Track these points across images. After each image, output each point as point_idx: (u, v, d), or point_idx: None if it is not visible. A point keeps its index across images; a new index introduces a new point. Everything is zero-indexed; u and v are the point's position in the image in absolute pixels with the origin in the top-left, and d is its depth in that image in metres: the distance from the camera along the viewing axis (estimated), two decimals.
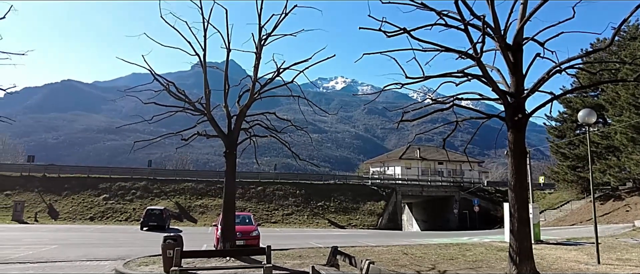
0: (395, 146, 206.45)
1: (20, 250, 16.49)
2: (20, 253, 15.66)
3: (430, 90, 12.94)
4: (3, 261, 13.85)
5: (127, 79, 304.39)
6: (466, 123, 12.38)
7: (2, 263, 13.42)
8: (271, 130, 16.96)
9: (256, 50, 15.88)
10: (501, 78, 11.42)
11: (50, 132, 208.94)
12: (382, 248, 18.20)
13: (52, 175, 41.85)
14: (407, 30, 10.17)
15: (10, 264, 13.38)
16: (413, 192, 49.34)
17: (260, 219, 37.36)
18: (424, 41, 10.45)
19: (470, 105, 14.33)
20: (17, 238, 21.30)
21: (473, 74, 10.92)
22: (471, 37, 10.32)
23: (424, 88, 14.96)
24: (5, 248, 17.12)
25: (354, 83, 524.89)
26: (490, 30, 10.64)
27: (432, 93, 12.63)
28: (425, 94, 13.74)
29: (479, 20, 10.06)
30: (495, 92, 10.85)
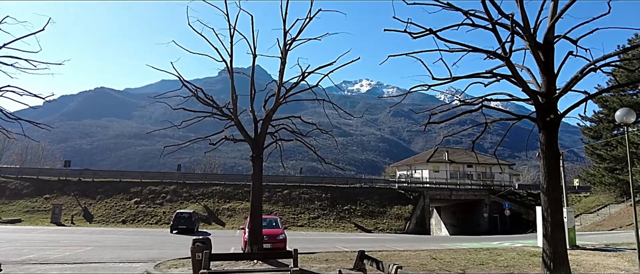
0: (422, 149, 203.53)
1: (58, 251, 17.18)
2: (59, 254, 16.30)
3: (458, 91, 12.71)
4: (44, 261, 14.47)
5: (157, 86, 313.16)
6: (496, 124, 12.06)
7: (42, 263, 14.02)
8: (296, 133, 17.05)
9: (281, 55, 16.03)
10: (532, 78, 11.09)
11: (85, 138, 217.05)
12: (410, 253, 17.95)
13: (86, 179, 43.43)
14: (433, 31, 10.03)
15: (49, 264, 13.97)
16: (441, 196, 48.48)
17: (287, 222, 37.56)
18: (451, 41, 10.28)
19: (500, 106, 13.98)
20: (56, 240, 22.19)
21: (502, 74, 10.64)
22: (499, 36, 10.08)
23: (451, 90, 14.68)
24: (45, 249, 17.88)
25: (379, 85, 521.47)
26: (520, 29, 10.36)
27: (460, 95, 12.40)
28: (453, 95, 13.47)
29: (508, 19, 9.81)
30: (526, 92, 10.54)
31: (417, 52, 10.52)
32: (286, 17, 15.77)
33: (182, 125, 16.53)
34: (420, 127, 14.67)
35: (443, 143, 76.36)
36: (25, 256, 15.51)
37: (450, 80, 10.57)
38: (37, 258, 15.07)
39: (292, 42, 15.97)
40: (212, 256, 10.52)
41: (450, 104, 11.93)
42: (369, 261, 10.68)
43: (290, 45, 16.03)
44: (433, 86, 10.96)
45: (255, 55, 16.28)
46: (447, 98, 17.61)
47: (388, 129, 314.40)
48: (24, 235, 24.47)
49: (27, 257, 15.25)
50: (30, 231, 27.46)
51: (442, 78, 10.55)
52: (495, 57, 10.36)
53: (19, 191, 40.01)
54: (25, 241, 21.22)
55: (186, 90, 15.92)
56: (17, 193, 39.83)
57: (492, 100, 11.40)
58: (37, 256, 15.52)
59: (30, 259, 14.72)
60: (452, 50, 10.46)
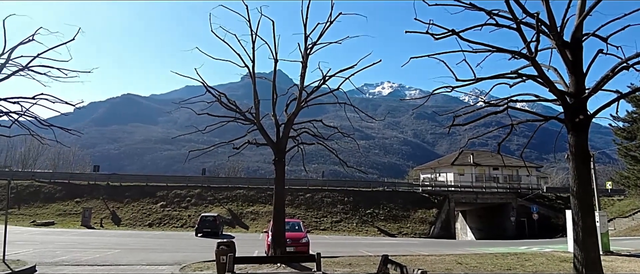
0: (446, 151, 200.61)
1: (88, 253, 17.71)
2: (89, 256, 16.81)
3: (483, 93, 12.50)
4: (75, 263, 14.95)
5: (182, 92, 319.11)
6: (522, 126, 11.77)
7: (74, 265, 14.48)
8: (318, 137, 17.09)
9: (302, 59, 16.12)
10: (559, 78, 10.79)
11: (113, 143, 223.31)
12: (434, 257, 17.69)
13: (114, 183, 44.63)
14: (456, 32, 9.89)
15: (81, 266, 14.42)
16: (467, 199, 47.58)
17: (309, 226, 37.59)
18: (474, 42, 10.11)
19: (526, 107, 13.67)
20: (86, 242, 22.88)
21: (528, 75, 10.39)
22: (524, 36, 9.86)
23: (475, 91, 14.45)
24: (76, 251, 18.47)
25: (402, 87, 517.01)
26: (545, 28, 10.10)
27: (485, 96, 12.19)
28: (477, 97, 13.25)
29: (533, 18, 9.59)
30: (553, 93, 10.25)
31: (440, 53, 10.40)
32: (307, 22, 15.87)
33: (207, 130, 16.83)
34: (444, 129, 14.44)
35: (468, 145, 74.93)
36: (58, 257, 16.05)
37: (474, 81, 10.38)
38: (69, 260, 15.58)
39: (313, 46, 16.04)
40: (236, 259, 10.64)
41: (474, 105, 11.73)
42: (393, 266, 10.58)
43: (311, 49, 16.11)
44: (457, 87, 10.79)
45: (277, 60, 16.43)
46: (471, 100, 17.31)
47: (411, 132, 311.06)
48: (57, 237, 25.33)
49: (60, 258, 15.78)
50: (62, 234, 28.41)
51: (465, 80, 10.39)
52: (520, 57, 10.13)
53: (52, 195, 41.48)
54: (58, 243, 21.96)
55: (210, 96, 16.20)
56: (50, 196, 41.29)
57: (517, 101, 11.15)
58: (69, 258, 16.04)
59: (62, 261, 15.24)
60: (475, 51, 10.29)
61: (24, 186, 41.94)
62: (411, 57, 11.00)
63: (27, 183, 42.65)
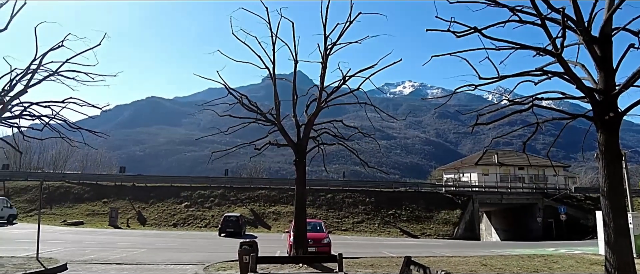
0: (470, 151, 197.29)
1: (116, 252, 18.19)
2: (116, 255, 17.27)
3: (507, 91, 12.22)
4: (103, 261, 15.38)
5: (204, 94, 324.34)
6: (548, 124, 11.45)
7: (102, 263, 14.91)
8: (338, 137, 17.06)
9: (322, 59, 16.12)
10: (587, 74, 10.45)
11: (138, 145, 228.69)
12: (458, 259, 17.40)
13: (140, 184, 45.70)
14: (478, 29, 9.71)
15: (108, 264, 14.83)
16: (491, 200, 46.65)
17: (331, 226, 37.57)
18: (497, 39, 9.89)
19: (552, 105, 13.28)
20: (113, 242, 23.51)
21: (554, 72, 10.10)
22: (549, 32, 9.59)
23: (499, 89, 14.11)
24: (104, 250, 19.01)
25: (423, 86, 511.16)
26: (572, 23, 9.80)
27: (509, 94, 11.92)
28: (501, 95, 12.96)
29: (558, 14, 9.31)
30: (581, 90, 9.93)
31: (462, 51, 10.23)
32: (326, 22, 15.85)
33: (229, 131, 17.04)
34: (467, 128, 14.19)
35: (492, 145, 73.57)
36: (87, 256, 16.55)
37: (498, 79, 10.16)
38: (97, 258, 16.04)
39: (332, 46, 16.02)
40: (259, 259, 10.72)
41: (498, 104, 11.48)
42: (416, 267, 10.44)
43: (331, 50, 16.09)
44: (480, 86, 10.59)
45: (297, 61, 16.49)
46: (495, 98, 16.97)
47: (433, 131, 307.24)
48: (86, 237, 26.11)
49: (89, 257, 16.27)
50: (90, 233, 29.27)
51: (489, 78, 10.18)
52: (545, 54, 9.86)
53: (80, 196, 42.80)
54: (86, 242, 22.64)
55: (232, 98, 16.39)
56: (79, 197, 42.61)
57: (543, 99, 10.86)
58: (98, 257, 16.51)
59: (91, 259, 15.70)
60: (498, 49, 10.06)
61: (55, 187, 43.42)
62: (432, 56, 10.86)
63: (57, 184, 44.15)
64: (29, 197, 41.55)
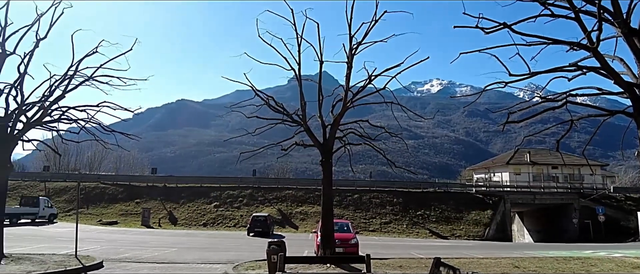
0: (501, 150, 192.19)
1: (148, 251, 18.73)
2: (149, 254, 17.78)
3: (539, 87, 11.88)
4: (137, 260, 15.88)
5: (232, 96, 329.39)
6: (584, 122, 11.00)
7: (136, 262, 15.39)
8: (365, 137, 16.98)
9: (347, 59, 16.09)
10: (626, 68, 9.97)
11: (169, 147, 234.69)
12: (490, 260, 16.98)
13: (171, 185, 46.87)
14: (508, 25, 9.44)
15: (142, 263, 15.30)
16: (524, 200, 45.27)
17: (358, 227, 37.41)
18: (528, 34, 9.60)
19: (588, 101, 12.78)
20: (146, 241, 24.23)
21: (589, 67, 9.70)
22: (584, 25, 9.22)
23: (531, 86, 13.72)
24: (137, 249, 19.61)
25: (451, 84, 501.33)
26: (609, 15, 9.38)
27: (541, 91, 11.55)
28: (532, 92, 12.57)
29: (593, 6, 8.94)
30: (619, 85, 9.49)
31: (491, 47, 9.97)
32: (351, 22, 15.81)
33: (256, 132, 17.29)
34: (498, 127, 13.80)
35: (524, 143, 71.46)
36: (122, 254, 17.13)
37: (529, 76, 9.85)
38: (131, 257, 16.57)
39: (358, 46, 15.96)
40: (287, 259, 10.78)
41: (530, 101, 11.14)
42: (446, 269, 10.25)
43: (356, 49, 16.04)
44: (510, 83, 10.31)
45: (322, 62, 16.52)
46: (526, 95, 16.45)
47: (463, 130, 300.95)
48: (120, 236, 27.02)
49: (123, 255, 16.83)
50: (124, 233, 30.27)
51: (519, 74, 9.89)
52: (580, 48, 9.48)
53: (115, 196, 44.31)
54: (121, 241, 23.43)
55: (259, 99, 16.61)
56: (114, 197, 44.13)
57: (578, 95, 10.43)
58: (131, 255, 17.05)
59: (126, 258, 16.23)
60: (529, 44, 9.76)
61: (91, 187, 45.12)
62: (461, 53, 10.65)
63: (93, 185, 45.85)
64: (67, 197, 43.36)
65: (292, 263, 12.67)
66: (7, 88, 14.95)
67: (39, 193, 41.73)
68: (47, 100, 15.59)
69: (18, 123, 15.13)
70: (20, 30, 15.45)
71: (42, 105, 15.51)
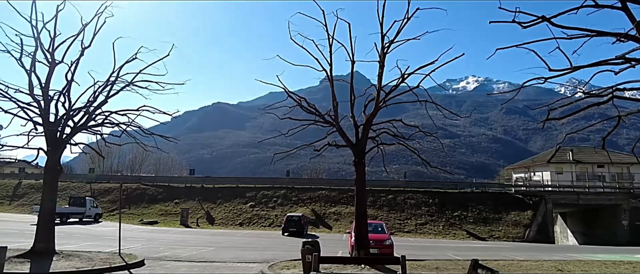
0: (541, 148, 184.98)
1: (187, 250, 19.29)
2: (187, 253, 18.31)
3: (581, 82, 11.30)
4: (176, 258, 16.39)
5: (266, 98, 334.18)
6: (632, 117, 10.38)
7: (175, 261, 15.89)
8: (398, 137, 16.76)
9: (379, 58, 15.95)
10: None
11: (206, 148, 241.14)
12: (531, 263, 16.37)
13: (208, 185, 48.10)
14: (547, 18, 9.05)
15: (181, 261, 15.77)
16: (567, 200, 43.31)
17: (393, 228, 37.00)
18: (568, 27, 9.15)
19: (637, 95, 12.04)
20: (184, 240, 24.96)
21: (638, 59, 9.16)
22: (632, 15, 8.70)
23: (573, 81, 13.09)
24: (176, 248, 20.24)
25: (488, 81, 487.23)
26: None
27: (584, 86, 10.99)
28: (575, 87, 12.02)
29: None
30: None
31: (529, 42, 9.57)
32: (383, 21, 15.66)
33: (289, 133, 17.45)
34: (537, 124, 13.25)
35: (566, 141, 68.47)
36: (161, 253, 17.73)
37: (571, 71, 9.40)
38: (171, 256, 17.12)
39: (390, 44, 15.79)
40: (321, 259, 10.82)
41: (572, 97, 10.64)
42: (484, 271, 9.98)
43: (388, 48, 15.87)
44: (550, 78, 9.85)
45: (354, 62, 16.46)
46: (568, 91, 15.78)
47: (501, 128, 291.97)
48: (160, 235, 27.97)
49: (163, 254, 17.41)
50: (164, 232, 31.31)
51: (560, 69, 9.44)
52: (627, 40, 8.96)
53: (155, 197, 45.96)
54: (161, 240, 24.25)
55: (291, 100, 16.77)
56: (154, 198, 45.77)
57: (625, 89, 9.86)
58: (171, 254, 17.61)
59: (165, 256, 16.79)
60: (570, 37, 9.30)
61: (132, 188, 47.00)
62: (497, 49, 10.30)
63: (134, 186, 47.74)
64: (111, 198, 45.38)
65: (327, 263, 12.69)
66: (57, 95, 15.84)
67: (85, 194, 43.94)
68: (91, 105, 16.40)
69: (66, 128, 15.99)
70: (67, 40, 16.35)
71: (87, 110, 16.33)
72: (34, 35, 15.61)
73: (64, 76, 16.20)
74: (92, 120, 16.48)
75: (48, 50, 15.97)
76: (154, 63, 16.69)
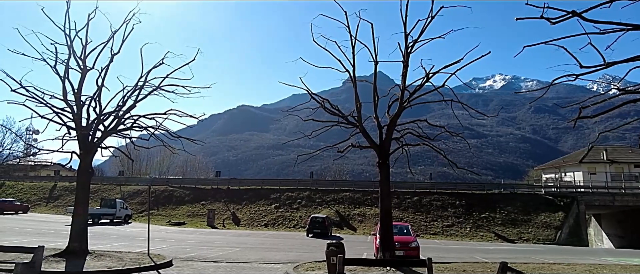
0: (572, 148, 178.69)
1: (213, 251, 19.59)
2: (214, 254, 18.59)
3: (615, 79, 10.86)
4: (203, 259, 16.67)
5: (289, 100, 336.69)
6: None
7: (202, 261, 16.16)
8: (423, 138, 16.54)
9: (403, 58, 15.80)
10: None
11: (231, 151, 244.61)
12: (562, 266, 15.83)
13: (233, 187, 48.73)
14: (577, 13, 8.72)
15: (207, 262, 16.04)
16: (601, 202, 41.65)
17: (418, 230, 36.50)
18: (601, 22, 8.79)
19: None
20: (211, 241, 25.36)
21: None
22: None
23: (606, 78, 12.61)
24: (203, 248, 20.59)
25: (516, 80, 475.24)
26: None
27: (619, 82, 10.55)
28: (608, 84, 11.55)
29: None
30: None
31: (558, 38, 9.24)
32: (406, 20, 15.51)
33: (312, 135, 17.49)
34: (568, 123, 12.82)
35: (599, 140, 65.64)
36: (189, 254, 18.07)
37: (604, 67, 9.03)
38: (197, 256, 17.43)
39: (413, 44, 15.61)
40: (346, 261, 10.77)
41: (605, 94, 10.22)
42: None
43: (412, 47, 15.69)
44: (581, 75, 9.48)
45: (377, 62, 16.36)
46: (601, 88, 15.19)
47: (529, 128, 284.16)
48: (187, 236, 28.51)
49: (190, 255, 17.74)
50: (191, 233, 31.89)
51: (592, 66, 9.09)
52: None
53: (182, 198, 46.91)
54: (188, 241, 24.72)
55: (314, 102, 16.80)
56: (181, 200, 46.73)
57: None
58: (198, 255, 17.93)
59: (193, 257, 17.10)
60: (603, 32, 8.93)
61: (160, 190, 48.12)
62: (525, 46, 9.99)
63: (162, 188, 48.86)
64: (140, 200, 46.61)
65: (352, 265, 12.64)
66: (88, 101, 16.41)
67: (116, 196, 45.28)
68: (120, 109, 16.90)
69: (97, 132, 16.54)
70: (98, 47, 16.92)
71: (117, 115, 16.84)
72: (67, 43, 16.22)
73: (95, 82, 16.77)
74: (122, 124, 16.97)
75: (80, 57, 16.56)
76: (181, 68, 17.07)
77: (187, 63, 17.01)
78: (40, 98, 15.65)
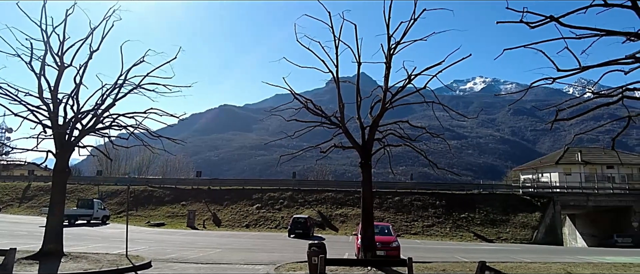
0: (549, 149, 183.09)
1: (194, 252, 19.35)
2: (195, 255, 18.36)
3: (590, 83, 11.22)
4: (183, 260, 16.45)
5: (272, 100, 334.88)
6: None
7: (182, 262, 15.94)
8: (405, 138, 16.71)
9: (386, 60, 15.93)
10: None
11: (213, 151, 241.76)
12: (539, 265, 16.20)
13: (215, 187, 48.23)
14: (555, 18, 8.98)
15: (188, 263, 15.83)
16: (575, 202, 42.85)
17: (399, 230, 36.84)
18: (577, 27, 9.07)
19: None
20: (191, 242, 25.04)
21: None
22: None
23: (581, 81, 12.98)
24: (183, 249, 20.31)
25: (495, 82, 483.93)
26: None
27: (593, 86, 10.89)
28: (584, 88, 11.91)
29: None
30: None
31: (537, 42, 9.52)
32: (389, 22, 15.65)
33: (295, 135, 17.47)
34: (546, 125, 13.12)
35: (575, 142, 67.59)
36: (169, 255, 17.79)
37: (580, 71, 9.31)
38: (178, 257, 17.18)
39: (396, 45, 15.76)
40: (328, 261, 10.79)
41: (581, 97, 10.55)
42: (492, 273, 9.91)
43: (395, 49, 15.84)
44: (558, 79, 9.78)
45: (360, 63, 16.44)
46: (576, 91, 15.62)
47: (508, 129, 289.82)
48: (167, 237, 28.09)
49: (170, 256, 17.47)
50: (171, 234, 31.43)
51: (569, 69, 9.37)
52: (637, 39, 8.86)
53: (162, 199, 46.17)
54: (168, 242, 24.35)
55: (298, 103, 16.78)
56: (161, 200, 45.99)
57: (635, 90, 9.76)
58: (178, 256, 17.67)
59: (173, 258, 16.85)
60: (579, 37, 9.22)
61: (139, 190, 47.26)
62: (505, 49, 10.26)
63: (142, 188, 48.00)
64: (118, 200, 45.68)
65: (333, 265, 12.68)
66: (65, 98, 15.99)
67: (93, 196, 44.25)
68: (99, 108, 16.52)
69: (75, 130, 16.13)
70: (76, 43, 16.51)
71: (95, 113, 16.46)
72: (44, 39, 15.78)
73: (73, 79, 16.36)
74: (100, 122, 16.60)
75: (57, 54, 16.13)
76: (162, 66, 16.80)
77: (168, 61, 16.78)
78: (13, 95, 15.18)
